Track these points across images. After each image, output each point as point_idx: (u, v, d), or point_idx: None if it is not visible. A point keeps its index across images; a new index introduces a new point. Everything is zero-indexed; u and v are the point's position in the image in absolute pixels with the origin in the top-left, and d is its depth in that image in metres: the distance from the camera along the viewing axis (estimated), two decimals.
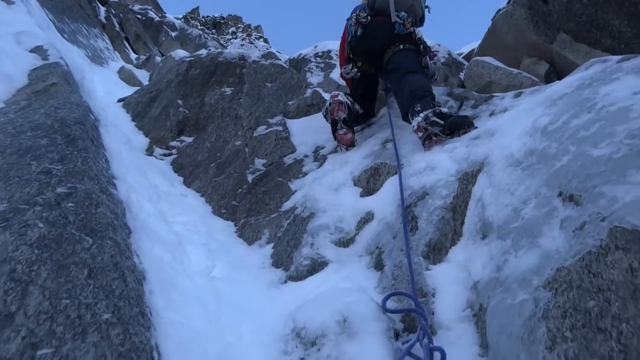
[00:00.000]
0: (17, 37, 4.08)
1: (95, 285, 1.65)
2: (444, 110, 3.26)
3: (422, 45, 4.06)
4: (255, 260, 3.01)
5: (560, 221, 1.63)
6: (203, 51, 6.64)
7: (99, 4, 16.13)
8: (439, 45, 7.57)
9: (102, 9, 15.96)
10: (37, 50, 4.01)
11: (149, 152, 4.72)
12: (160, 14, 21.33)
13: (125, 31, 15.94)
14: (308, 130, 4.54)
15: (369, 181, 3.22)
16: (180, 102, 5.37)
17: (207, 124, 5.08)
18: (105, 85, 7.84)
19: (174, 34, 19.51)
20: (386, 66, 4.08)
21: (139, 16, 18.70)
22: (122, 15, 16.49)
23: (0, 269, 1.51)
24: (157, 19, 19.82)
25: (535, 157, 2.06)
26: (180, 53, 11.30)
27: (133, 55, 14.53)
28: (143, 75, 10.71)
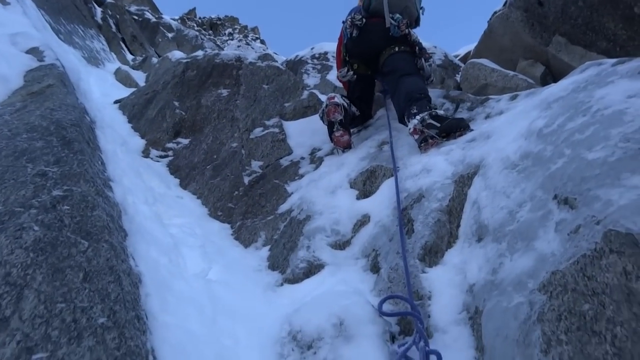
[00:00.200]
0: (13, 38, 4.06)
1: (90, 288, 1.64)
2: (440, 112, 3.27)
3: (417, 47, 4.08)
4: (251, 263, 3.01)
5: (556, 224, 1.63)
6: (199, 52, 6.63)
7: (96, 5, 16.09)
8: (435, 47, 7.57)
9: (99, 9, 15.93)
10: (33, 51, 4.00)
11: (145, 154, 4.71)
12: (156, 15, 21.31)
13: (122, 32, 15.91)
14: (305, 132, 4.55)
15: (365, 183, 3.23)
16: (176, 103, 5.36)
17: (203, 125, 5.08)
18: (102, 87, 7.82)
19: (170, 35, 19.49)
20: (382, 68, 4.09)
21: (136, 17, 18.68)
22: (118, 16, 16.46)
23: None
24: (154, 20, 19.80)
25: (531, 160, 2.07)
26: (177, 54, 11.29)
27: (129, 57, 14.50)
28: (139, 77, 10.68)
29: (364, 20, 4.15)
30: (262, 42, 42.29)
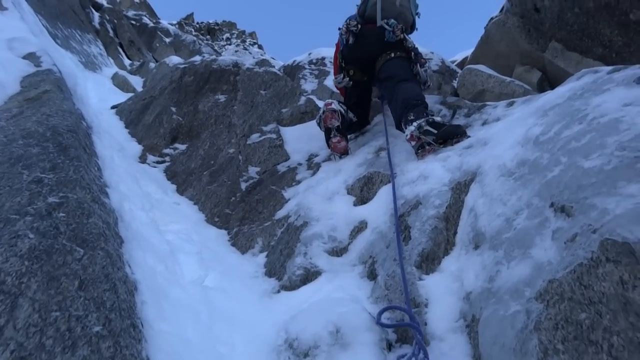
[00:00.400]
0: (10, 44, 4.05)
1: (86, 297, 1.63)
2: (437, 119, 3.28)
3: (413, 53, 4.08)
4: (248, 270, 3.00)
5: (552, 232, 1.64)
6: (197, 58, 6.63)
7: (93, 10, 16.10)
8: (432, 53, 7.61)
9: (96, 14, 15.93)
10: (30, 57, 3.99)
11: (142, 159, 4.70)
12: (154, 20, 21.33)
13: (119, 37, 15.91)
14: (302, 138, 4.55)
15: (363, 190, 3.23)
16: (173, 109, 5.36)
17: (200, 131, 5.08)
18: (99, 92, 7.80)
19: (168, 40, 19.50)
20: (378, 75, 4.10)
21: (133, 22, 18.68)
22: (116, 21, 16.47)
23: None
24: (152, 25, 19.81)
25: (527, 168, 2.07)
26: (174, 59, 11.29)
27: (127, 61, 14.50)
28: (137, 82, 10.68)
29: (359, 26, 4.16)
30: (260, 47, 42.36)
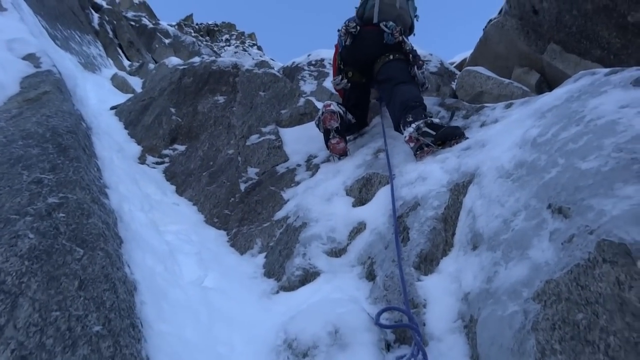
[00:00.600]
0: (9, 44, 4.06)
1: (86, 296, 1.64)
2: (436, 120, 3.29)
3: (411, 55, 4.10)
4: (247, 270, 3.00)
5: (550, 233, 1.65)
6: (196, 59, 6.64)
7: (93, 11, 16.11)
8: (431, 54, 7.62)
9: (96, 15, 15.95)
10: (30, 57, 4.00)
11: (142, 160, 4.71)
12: (153, 21, 21.35)
13: (119, 38, 15.93)
14: (301, 139, 4.56)
15: (361, 191, 3.24)
16: (173, 110, 5.37)
17: (199, 132, 5.08)
18: (98, 93, 7.82)
19: (167, 41, 19.52)
20: (377, 77, 4.12)
21: (133, 23, 18.70)
22: (115, 22, 16.49)
23: None
24: (151, 26, 19.83)
25: (525, 169, 2.08)
26: (174, 60, 11.31)
27: (126, 62, 14.51)
28: (136, 83, 10.69)
29: (358, 28, 4.17)
30: (259, 48, 42.40)
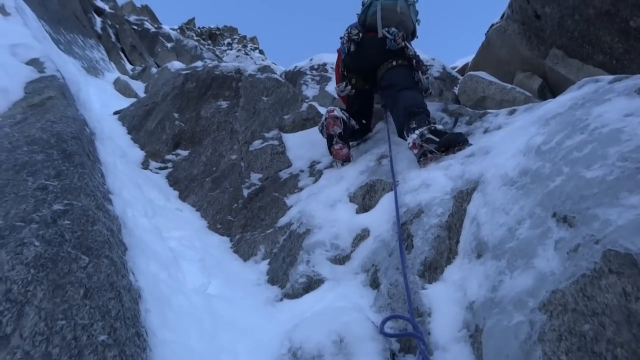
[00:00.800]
0: (13, 49, 4.07)
1: (91, 305, 1.64)
2: (439, 127, 3.29)
3: (414, 60, 4.11)
4: (250, 277, 3.00)
5: (555, 242, 1.64)
6: (199, 63, 6.66)
7: (95, 15, 16.15)
8: (433, 59, 7.63)
9: (98, 19, 15.99)
10: (34, 62, 4.01)
11: (145, 165, 4.72)
12: (156, 25, 21.41)
13: (121, 42, 15.97)
14: (304, 145, 4.56)
15: (365, 198, 3.24)
16: (176, 115, 5.38)
17: (202, 137, 5.09)
18: (101, 97, 7.83)
19: (169, 45, 19.58)
20: (380, 83, 4.12)
21: (135, 27, 18.76)
22: (118, 26, 16.53)
23: None
24: (153, 30, 19.89)
25: (530, 177, 2.08)
26: (176, 64, 11.33)
27: (129, 66, 14.55)
28: (139, 87, 10.71)
29: (361, 34, 4.18)
30: (261, 52, 42.43)
